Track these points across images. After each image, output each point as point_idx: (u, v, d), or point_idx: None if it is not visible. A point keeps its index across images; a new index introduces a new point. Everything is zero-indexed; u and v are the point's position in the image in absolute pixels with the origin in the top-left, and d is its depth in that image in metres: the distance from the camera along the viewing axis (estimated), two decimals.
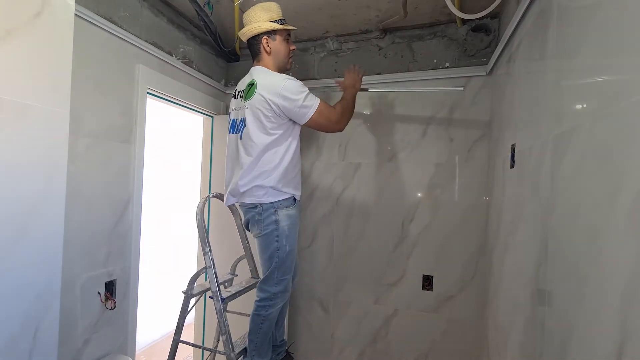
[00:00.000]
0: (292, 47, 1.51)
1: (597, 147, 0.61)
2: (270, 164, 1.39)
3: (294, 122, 1.42)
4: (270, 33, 1.44)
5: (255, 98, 1.37)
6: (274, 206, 1.39)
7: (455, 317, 1.77)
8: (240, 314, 1.73)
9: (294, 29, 1.49)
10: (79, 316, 1.33)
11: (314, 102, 1.39)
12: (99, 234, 1.40)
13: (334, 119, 1.44)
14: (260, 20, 1.42)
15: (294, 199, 1.45)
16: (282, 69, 1.50)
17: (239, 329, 1.68)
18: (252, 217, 1.45)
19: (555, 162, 0.80)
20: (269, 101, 1.35)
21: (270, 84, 1.37)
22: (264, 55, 1.46)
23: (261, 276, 1.46)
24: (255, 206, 1.42)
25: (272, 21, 1.42)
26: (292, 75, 1.35)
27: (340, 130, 1.50)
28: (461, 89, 1.72)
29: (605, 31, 0.62)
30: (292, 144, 1.43)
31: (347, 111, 1.49)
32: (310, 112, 1.38)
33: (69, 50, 0.93)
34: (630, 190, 0.51)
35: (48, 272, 0.90)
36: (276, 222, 1.39)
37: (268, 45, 1.44)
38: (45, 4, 0.86)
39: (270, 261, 1.41)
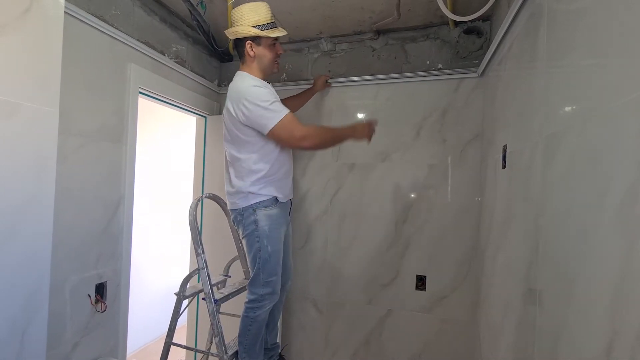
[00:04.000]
0: (279, 52, 1.47)
1: (587, 148, 0.62)
2: (244, 170, 1.40)
3: None
4: (255, 38, 1.39)
5: (225, 107, 1.41)
6: (253, 206, 1.40)
7: (448, 317, 1.78)
8: (234, 315, 1.72)
9: (281, 35, 1.41)
10: (68, 319, 1.30)
11: (277, 115, 1.31)
12: (89, 235, 1.37)
13: (297, 135, 1.33)
14: (245, 24, 1.37)
15: (276, 199, 1.44)
16: (267, 73, 1.48)
17: (233, 330, 1.67)
18: (234, 218, 1.47)
19: (546, 163, 0.81)
20: (232, 111, 1.37)
21: (236, 92, 1.37)
22: (248, 59, 1.43)
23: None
24: (236, 207, 1.44)
25: (258, 25, 1.37)
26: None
27: (305, 148, 1.38)
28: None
29: (594, 34, 0.63)
30: (269, 149, 1.40)
31: (328, 139, 1.42)
32: (270, 124, 1.31)
33: (58, 48, 0.92)
34: (619, 190, 0.52)
35: (36, 274, 0.88)
36: (255, 222, 1.39)
37: (252, 50, 1.41)
38: (34, 1, 0.85)
39: (254, 262, 1.41)
